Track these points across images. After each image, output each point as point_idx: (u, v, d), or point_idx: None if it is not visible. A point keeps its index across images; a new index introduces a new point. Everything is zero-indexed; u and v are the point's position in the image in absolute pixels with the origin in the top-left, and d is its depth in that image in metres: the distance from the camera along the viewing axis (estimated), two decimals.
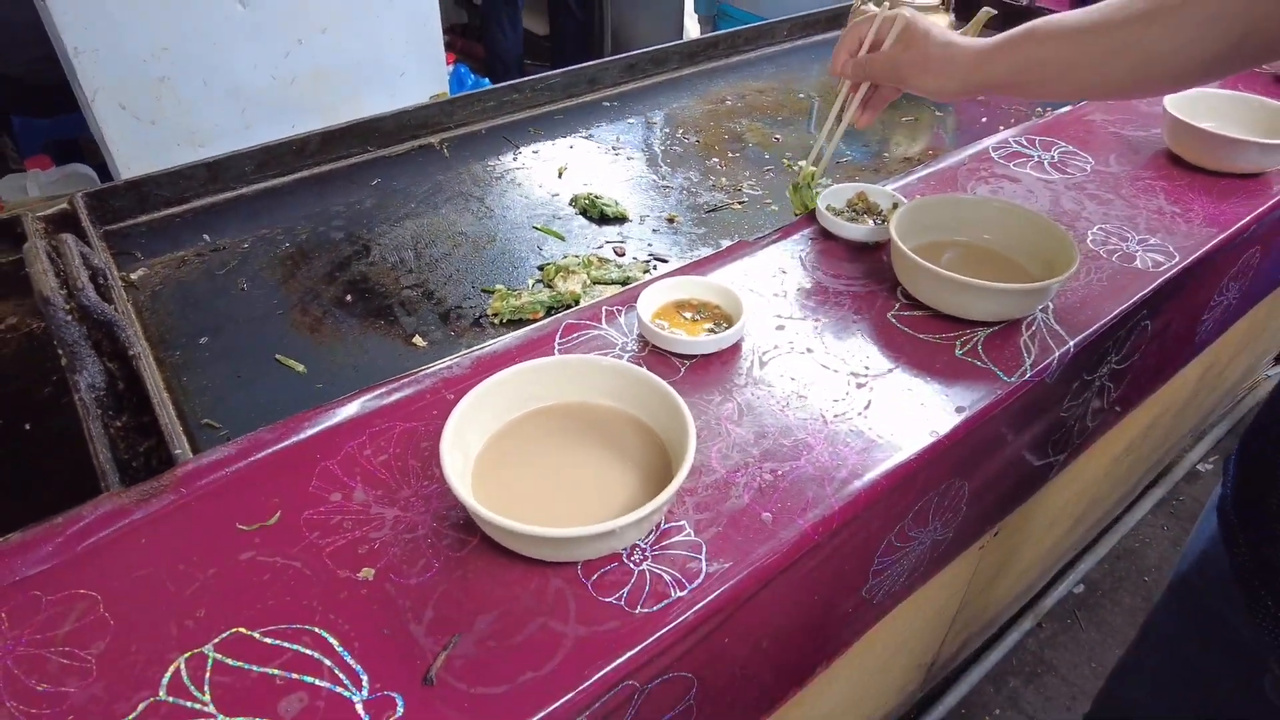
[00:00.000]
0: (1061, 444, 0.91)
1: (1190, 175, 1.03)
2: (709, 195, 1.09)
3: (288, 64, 2.02)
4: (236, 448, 0.61)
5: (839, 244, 0.88)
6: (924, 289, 0.76)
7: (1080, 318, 0.78)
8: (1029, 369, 0.72)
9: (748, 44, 1.50)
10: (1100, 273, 0.84)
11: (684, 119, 1.28)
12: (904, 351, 0.73)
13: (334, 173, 1.11)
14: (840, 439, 0.63)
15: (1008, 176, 1.01)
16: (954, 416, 0.66)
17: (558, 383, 0.63)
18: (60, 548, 0.54)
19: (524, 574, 0.53)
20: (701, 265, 0.83)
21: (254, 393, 0.76)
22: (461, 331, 0.84)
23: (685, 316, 0.75)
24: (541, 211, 1.04)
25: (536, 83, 1.26)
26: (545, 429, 0.61)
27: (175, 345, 0.81)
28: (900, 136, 1.30)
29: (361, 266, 0.93)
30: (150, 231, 0.99)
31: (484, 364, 0.69)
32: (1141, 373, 0.99)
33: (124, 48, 1.78)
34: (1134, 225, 0.92)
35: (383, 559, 0.54)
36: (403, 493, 0.58)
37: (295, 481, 0.59)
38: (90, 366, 0.69)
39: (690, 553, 0.54)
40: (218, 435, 0.72)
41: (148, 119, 1.90)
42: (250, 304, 0.87)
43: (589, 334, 0.74)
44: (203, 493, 0.58)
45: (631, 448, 0.60)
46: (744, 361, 0.71)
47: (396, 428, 0.64)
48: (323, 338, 0.83)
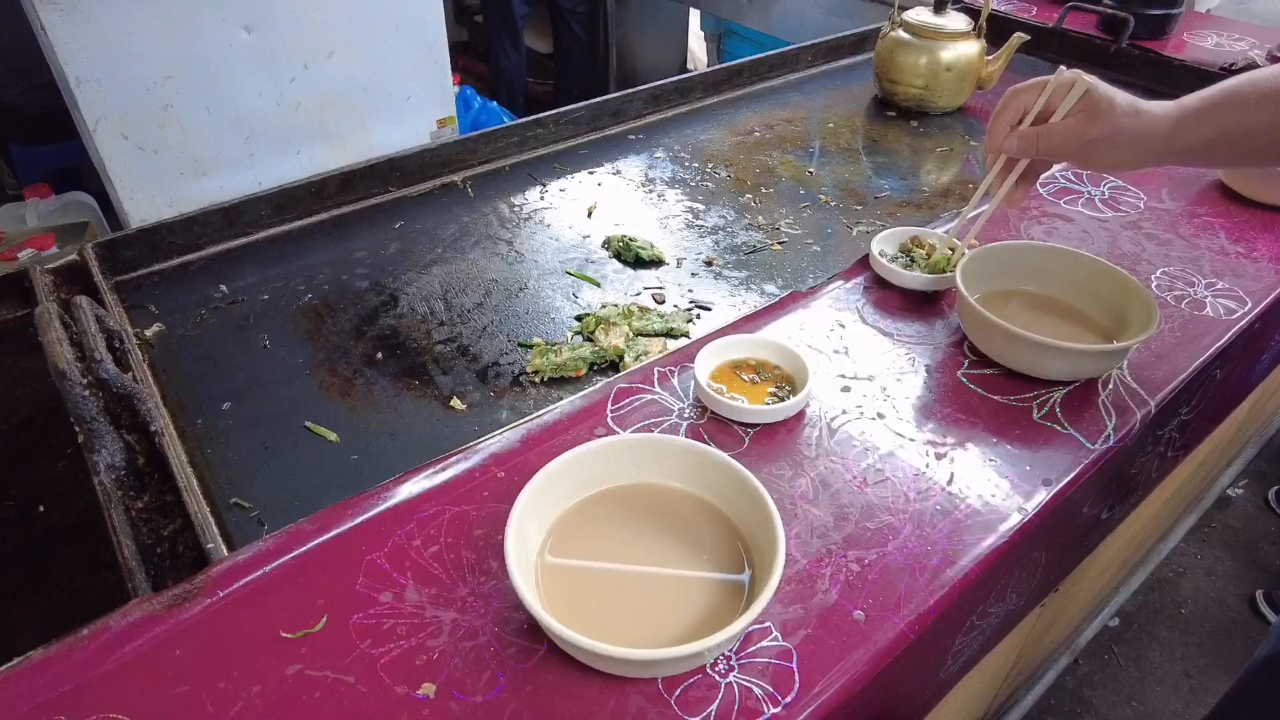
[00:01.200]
0: (1128, 497, 0.87)
1: (1248, 211, 0.99)
2: (746, 235, 1.04)
3: (293, 90, 1.98)
4: (275, 542, 0.56)
5: (894, 292, 0.83)
6: (997, 347, 0.72)
7: (1158, 374, 0.74)
8: (1111, 434, 0.67)
9: (772, 71, 1.46)
10: (1170, 322, 0.80)
11: (713, 152, 1.24)
12: (980, 415, 0.68)
13: (354, 215, 1.06)
14: (927, 521, 0.59)
15: (1060, 215, 0.96)
16: (1041, 490, 0.62)
17: (621, 465, 0.58)
18: (86, 664, 0.49)
19: (600, 690, 0.48)
20: (754, 320, 0.79)
21: (284, 465, 0.71)
22: (501, 392, 0.79)
23: (744, 379, 0.71)
24: (574, 255, 1.00)
25: (560, 116, 1.22)
26: (610, 517, 0.57)
27: (197, 412, 0.76)
28: (931, 165, 1.26)
29: (390, 319, 0.88)
30: (164, 282, 0.94)
31: (535, 437, 0.65)
32: (1203, 418, 0.95)
33: (127, 76, 1.73)
34: (1198, 268, 0.88)
35: (443, 672, 0.49)
36: (459, 591, 0.54)
37: (341, 579, 0.54)
38: (110, 444, 0.65)
39: (780, 660, 0.50)
40: (248, 516, 0.67)
41: (150, 148, 1.85)
42: (274, 363, 0.82)
43: (642, 399, 0.69)
44: (240, 595, 0.53)
45: (704, 536, 0.55)
46: (812, 429, 0.66)
47: (446, 513, 0.59)
48: (354, 400, 0.78)
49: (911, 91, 1.34)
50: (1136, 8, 1.49)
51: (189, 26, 1.75)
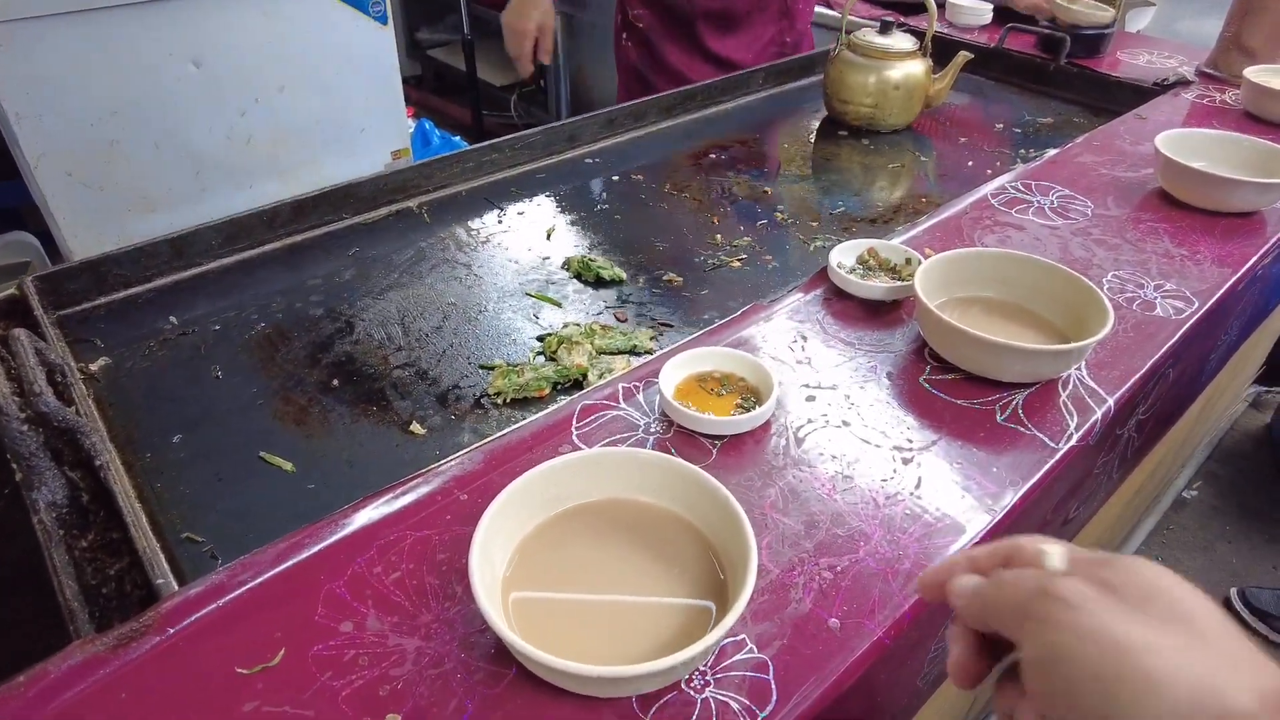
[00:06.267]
0: (1092, 498, 0.88)
1: (1189, 216, 1.02)
2: (706, 253, 1.04)
3: (244, 124, 1.95)
4: (228, 574, 0.54)
5: (853, 302, 0.84)
6: (958, 351, 0.73)
7: (1114, 373, 0.75)
8: (1074, 432, 0.68)
9: (724, 95, 1.48)
10: (1124, 322, 0.81)
11: (669, 174, 1.24)
12: (944, 420, 0.69)
13: (308, 243, 1.04)
14: (897, 525, 0.58)
15: (1012, 224, 0.98)
16: (1009, 491, 0.62)
17: (587, 480, 0.57)
18: (23, 713, 0.46)
19: (573, 712, 0.46)
20: (717, 333, 0.78)
21: (238, 497, 0.69)
22: (463, 414, 0.78)
23: (710, 391, 0.70)
24: (534, 276, 0.99)
25: (515, 141, 1.21)
26: (578, 535, 0.55)
27: (146, 446, 0.73)
28: (884, 181, 1.28)
29: (346, 345, 0.86)
30: (110, 315, 0.91)
31: (497, 457, 0.63)
32: (1158, 419, 0.96)
33: (69, 112, 1.69)
34: (1147, 271, 0.90)
35: (408, 702, 0.47)
36: (423, 618, 0.52)
37: (299, 611, 0.52)
38: (50, 481, 0.62)
39: (756, 672, 0.49)
40: (201, 550, 0.64)
41: (96, 185, 1.80)
42: (227, 394, 0.80)
43: (607, 415, 0.68)
44: (192, 631, 0.51)
45: (675, 549, 0.54)
46: (779, 439, 0.66)
47: (407, 538, 0.57)
48: (310, 429, 0.76)
49: (862, 110, 1.37)
50: (1071, 29, 1.55)
51: (134, 61, 1.72)
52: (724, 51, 1.59)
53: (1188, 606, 0.28)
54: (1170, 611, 0.27)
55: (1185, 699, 0.25)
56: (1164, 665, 0.26)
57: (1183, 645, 0.26)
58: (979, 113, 1.51)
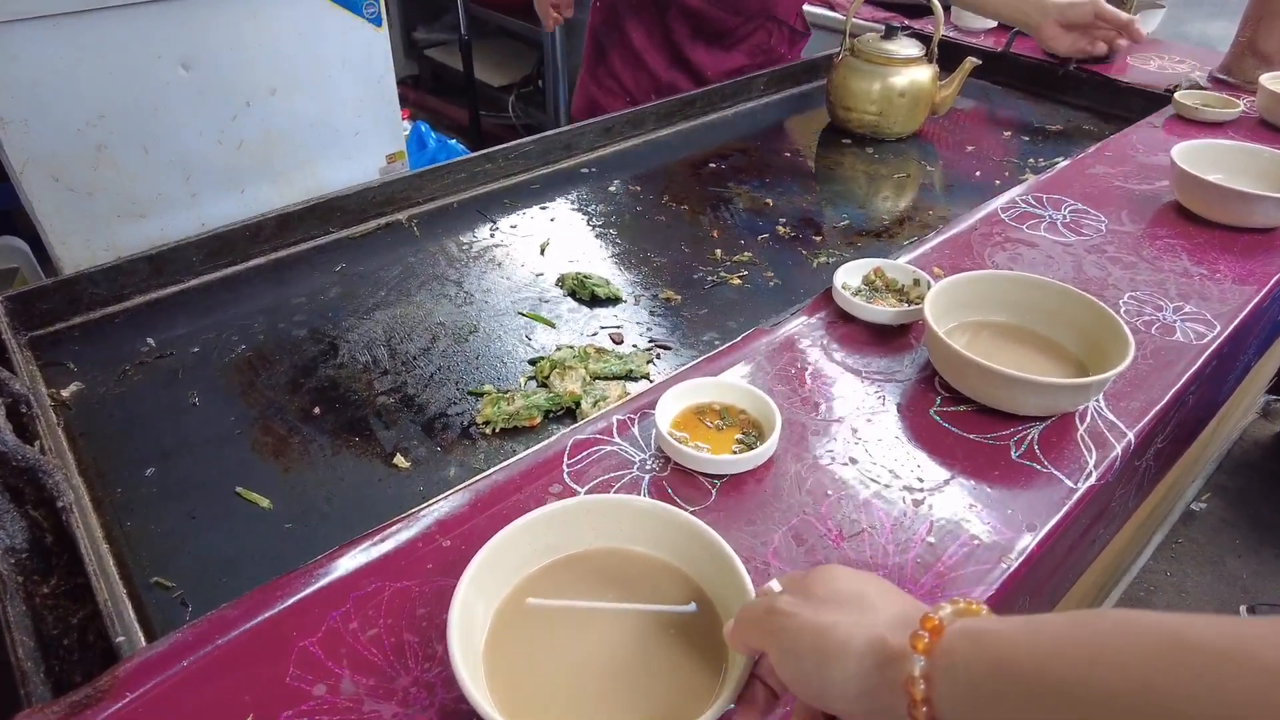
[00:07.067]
0: (1108, 529, 0.84)
1: (1206, 231, 0.98)
2: (705, 269, 1.01)
3: (235, 128, 1.91)
4: (193, 632, 0.50)
5: (859, 326, 0.80)
6: (970, 383, 0.69)
7: (1134, 404, 0.71)
8: (1093, 470, 0.64)
9: (725, 101, 1.44)
10: (1143, 348, 0.78)
11: (668, 184, 1.21)
12: (956, 457, 0.65)
13: (293, 258, 1.01)
14: (909, 575, 0.55)
15: (1024, 241, 0.95)
16: (1026, 536, 0.59)
17: (578, 529, 0.53)
18: None
19: None
20: (716, 360, 0.75)
21: (211, 537, 0.65)
22: (449, 446, 0.74)
23: (709, 425, 0.67)
24: (527, 294, 0.95)
25: (509, 151, 1.18)
26: (568, 590, 0.52)
27: (116, 480, 0.70)
28: (889, 191, 1.24)
29: (329, 370, 0.83)
30: (85, 336, 0.88)
31: (483, 500, 0.60)
32: (1176, 443, 0.93)
33: (56, 116, 1.65)
34: (1165, 292, 0.86)
35: None
36: (400, 681, 0.48)
37: (269, 672, 0.49)
38: (9, 525, 0.58)
39: None
40: (170, 597, 0.61)
41: (84, 190, 1.76)
42: (204, 422, 0.76)
43: (601, 450, 0.65)
44: (154, 696, 0.47)
45: (672, 605, 0.51)
46: (782, 479, 0.62)
47: (386, 590, 0.53)
48: (289, 461, 0.72)
49: (866, 118, 1.33)
50: None
51: (122, 64, 1.68)
52: (695, 57, 1.51)
53: (858, 589, 0.40)
54: (847, 596, 0.40)
55: (864, 650, 0.37)
56: (846, 633, 0.38)
57: (857, 617, 0.38)
58: (985, 119, 1.48)
